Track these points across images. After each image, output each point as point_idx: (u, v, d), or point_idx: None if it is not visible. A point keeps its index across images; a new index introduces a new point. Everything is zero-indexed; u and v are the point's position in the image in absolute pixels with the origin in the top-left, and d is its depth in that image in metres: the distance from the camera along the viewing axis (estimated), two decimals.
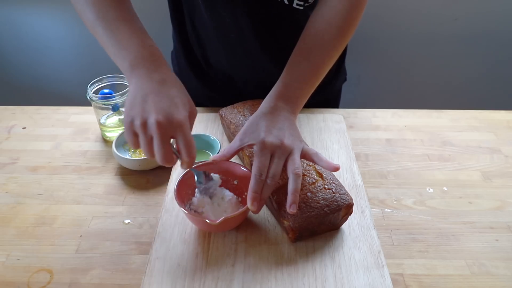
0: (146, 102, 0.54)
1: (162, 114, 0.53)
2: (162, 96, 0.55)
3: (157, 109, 0.53)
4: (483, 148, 0.85)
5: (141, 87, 0.56)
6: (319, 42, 0.69)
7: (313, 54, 0.69)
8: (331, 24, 0.69)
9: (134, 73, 0.58)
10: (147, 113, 0.53)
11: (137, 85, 0.57)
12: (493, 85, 1.59)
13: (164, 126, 0.53)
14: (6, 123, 0.93)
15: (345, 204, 0.61)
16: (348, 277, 0.57)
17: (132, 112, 0.54)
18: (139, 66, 0.58)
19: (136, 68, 0.58)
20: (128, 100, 0.56)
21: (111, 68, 0.79)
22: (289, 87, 0.68)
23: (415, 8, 1.40)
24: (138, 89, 0.56)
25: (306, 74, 0.69)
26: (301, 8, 0.78)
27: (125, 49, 0.59)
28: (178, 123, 0.54)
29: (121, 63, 0.60)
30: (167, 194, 0.70)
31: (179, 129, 0.54)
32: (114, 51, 0.60)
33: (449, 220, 0.69)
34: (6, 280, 0.60)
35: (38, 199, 0.73)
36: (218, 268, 0.58)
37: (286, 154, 0.61)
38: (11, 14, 1.48)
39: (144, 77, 0.57)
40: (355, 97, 1.56)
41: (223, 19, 0.82)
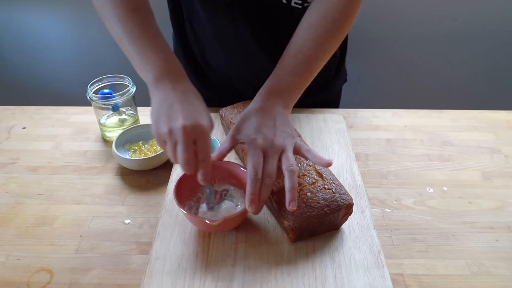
0: (171, 110, 0.57)
1: (188, 119, 0.55)
2: (187, 105, 0.58)
3: (183, 115, 0.56)
4: (483, 148, 0.85)
5: (166, 98, 0.59)
6: (312, 36, 0.68)
7: (306, 47, 0.68)
8: (326, 17, 0.68)
9: (159, 86, 0.60)
10: (173, 120, 0.56)
11: (161, 97, 0.59)
12: (493, 85, 1.59)
13: (189, 131, 0.55)
14: (6, 123, 0.93)
15: (345, 204, 0.61)
16: (348, 277, 0.57)
17: (159, 121, 0.57)
18: (163, 79, 0.61)
19: (161, 81, 0.61)
20: (154, 110, 0.59)
21: (111, 68, 0.79)
22: (282, 80, 0.68)
23: (414, 8, 1.40)
24: (163, 100, 0.59)
25: (299, 67, 0.68)
26: (299, 7, 0.77)
27: (150, 63, 0.62)
28: (202, 128, 0.56)
29: (145, 76, 0.63)
30: (167, 194, 0.70)
31: (202, 135, 0.56)
32: (139, 64, 0.63)
33: (449, 220, 0.69)
34: (6, 280, 0.60)
35: (38, 199, 0.73)
36: (218, 268, 0.58)
37: (278, 153, 0.61)
38: (11, 14, 1.48)
39: (168, 88, 0.60)
40: (355, 97, 1.56)
41: (220, 20, 0.82)
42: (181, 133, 0.54)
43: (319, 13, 0.69)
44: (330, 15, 0.68)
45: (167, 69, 0.62)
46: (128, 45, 0.64)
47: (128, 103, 0.86)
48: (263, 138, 0.61)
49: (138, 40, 0.64)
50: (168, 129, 0.55)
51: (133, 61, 0.65)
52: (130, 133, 0.83)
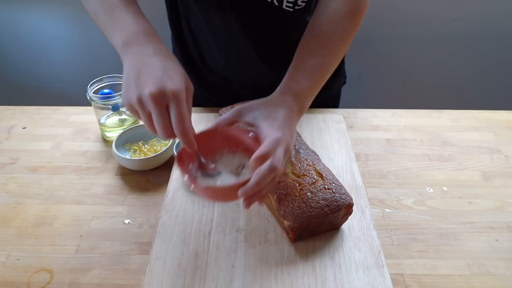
0: (139, 78, 0.52)
1: (155, 85, 0.51)
2: (155, 68, 0.53)
3: (151, 81, 0.51)
4: (483, 148, 0.85)
5: (134, 64, 0.54)
6: (325, 43, 0.68)
7: (320, 53, 0.68)
8: (338, 25, 0.69)
9: (127, 51, 0.56)
10: (141, 88, 0.51)
11: (130, 63, 0.55)
12: (493, 85, 1.59)
13: (158, 98, 0.50)
14: (6, 123, 0.93)
15: (345, 204, 0.61)
16: (348, 277, 0.56)
17: (128, 90, 0.53)
18: (132, 43, 0.56)
19: (129, 46, 0.56)
20: (124, 80, 0.54)
21: (111, 68, 0.79)
22: (299, 84, 0.66)
23: (414, 8, 1.40)
24: (131, 67, 0.54)
25: (315, 72, 0.67)
26: (291, 10, 0.78)
27: (119, 28, 0.58)
28: (172, 92, 0.51)
29: (115, 43, 0.58)
30: (167, 194, 0.70)
31: (173, 100, 0.51)
32: (110, 33, 0.59)
33: (449, 220, 0.69)
34: (6, 280, 0.60)
35: (38, 199, 0.73)
36: (218, 268, 0.58)
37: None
38: (11, 14, 1.48)
39: (136, 53, 0.55)
40: (355, 97, 1.56)
41: (214, 21, 0.82)
42: (151, 101, 0.50)
43: (330, 21, 0.69)
44: (341, 23, 0.69)
45: (135, 32, 0.57)
46: (102, 17, 0.61)
47: None
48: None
49: (112, 10, 0.60)
50: (137, 98, 0.51)
51: (105, 32, 0.61)
52: (130, 133, 0.83)
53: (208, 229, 0.64)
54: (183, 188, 0.71)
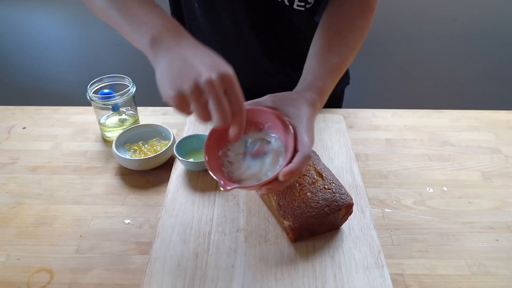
0: (186, 66, 0.49)
1: (213, 70, 0.48)
2: (203, 56, 0.50)
3: (205, 67, 0.48)
4: (483, 148, 0.85)
5: (174, 56, 0.51)
6: (344, 41, 0.69)
7: (340, 52, 0.68)
8: (354, 24, 0.69)
9: (160, 46, 0.53)
10: (193, 75, 0.48)
11: (169, 57, 0.51)
12: (493, 85, 1.59)
13: (217, 83, 0.48)
14: (6, 123, 0.93)
15: (345, 204, 0.61)
16: (348, 277, 0.56)
17: (176, 81, 0.48)
18: (164, 37, 0.53)
19: (161, 41, 0.53)
20: (165, 72, 0.50)
21: (111, 68, 0.79)
22: (324, 83, 0.65)
23: (415, 8, 1.40)
24: (172, 60, 0.51)
25: (336, 71, 0.67)
26: (302, 9, 0.78)
27: (145, 23, 0.55)
28: (230, 76, 0.49)
29: (141, 40, 0.54)
30: (167, 194, 0.70)
31: (231, 84, 0.49)
32: (132, 29, 0.55)
33: (449, 220, 0.69)
34: (6, 280, 0.60)
35: (38, 199, 0.73)
36: (218, 268, 0.58)
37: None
38: (11, 14, 1.48)
39: (173, 46, 0.52)
40: (355, 97, 1.56)
41: (223, 22, 0.82)
42: (211, 87, 0.47)
43: (346, 20, 0.69)
44: (358, 22, 0.69)
45: (165, 27, 0.54)
46: (116, 12, 0.57)
47: (128, 103, 0.86)
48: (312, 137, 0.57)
49: (126, 5, 0.56)
50: (192, 87, 0.47)
51: (123, 29, 0.57)
52: (130, 133, 0.83)
53: (208, 229, 0.64)
54: (183, 188, 0.72)
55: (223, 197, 0.70)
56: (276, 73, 0.89)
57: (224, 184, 0.53)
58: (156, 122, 0.86)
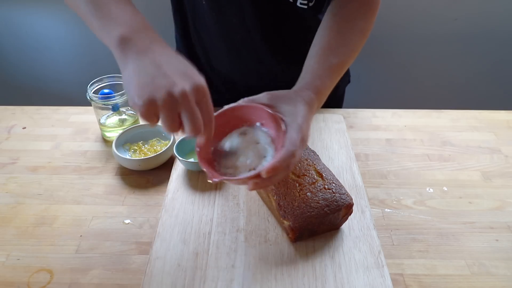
0: (159, 74, 0.47)
1: (187, 81, 0.47)
2: (178, 65, 0.49)
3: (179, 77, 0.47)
4: (483, 148, 0.85)
5: (146, 61, 0.49)
6: (345, 42, 0.68)
7: (341, 52, 0.67)
8: (355, 25, 0.69)
9: (129, 47, 0.50)
10: (167, 84, 0.46)
11: (139, 60, 0.49)
12: (493, 85, 1.59)
13: (191, 95, 0.47)
14: (6, 123, 0.93)
15: (345, 204, 0.61)
16: (348, 277, 0.56)
17: (145, 89, 0.46)
18: (134, 38, 0.50)
19: (131, 40, 0.50)
20: (133, 77, 0.48)
21: (111, 68, 0.79)
22: (323, 82, 0.64)
23: (414, 8, 1.40)
24: (141, 64, 0.48)
25: (336, 71, 0.67)
26: (305, 7, 0.78)
27: (115, 19, 0.51)
28: (204, 89, 0.48)
29: (108, 36, 0.51)
30: (167, 194, 0.70)
31: (204, 97, 0.49)
32: (100, 24, 0.52)
33: (449, 220, 0.69)
34: (6, 280, 0.60)
35: (38, 199, 0.73)
36: (218, 268, 0.58)
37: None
38: (11, 14, 1.48)
39: (145, 49, 0.50)
40: (355, 97, 1.56)
41: (230, 20, 0.82)
42: (184, 99, 0.46)
43: (348, 21, 0.69)
44: (359, 23, 0.69)
45: (136, 26, 0.51)
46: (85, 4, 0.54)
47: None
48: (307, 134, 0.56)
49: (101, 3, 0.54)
50: (165, 96, 0.45)
51: (91, 22, 0.54)
52: (130, 133, 0.83)
53: (208, 229, 0.64)
54: (183, 188, 0.72)
55: (223, 197, 0.70)
56: (281, 72, 0.89)
57: (211, 175, 0.53)
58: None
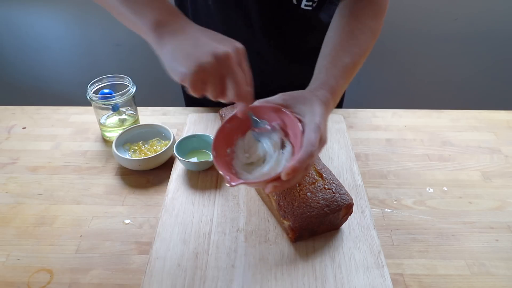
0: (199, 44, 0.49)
1: (228, 44, 0.49)
2: (212, 34, 0.51)
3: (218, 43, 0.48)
4: (483, 148, 0.85)
5: (184, 36, 0.50)
6: (356, 42, 0.68)
7: (353, 52, 0.67)
8: (366, 25, 0.69)
9: (165, 29, 0.51)
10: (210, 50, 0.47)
11: (176, 37, 0.50)
12: (493, 85, 1.59)
13: (234, 55, 0.48)
14: (6, 123, 0.93)
15: (345, 204, 0.61)
16: (348, 277, 0.57)
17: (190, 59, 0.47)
18: (169, 21, 0.52)
19: (166, 23, 0.52)
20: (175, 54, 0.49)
21: (111, 68, 0.79)
22: (337, 82, 0.64)
23: (415, 8, 1.40)
24: (180, 40, 0.50)
25: (348, 71, 0.66)
26: (310, 9, 0.78)
27: (147, 6, 0.53)
28: (242, 50, 0.50)
29: (142, 22, 0.53)
30: (167, 194, 0.70)
31: (243, 58, 0.50)
32: (132, 11, 0.54)
33: (449, 220, 0.69)
34: (6, 280, 0.60)
35: (38, 199, 0.73)
36: (218, 268, 0.58)
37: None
38: (11, 14, 1.48)
39: (180, 28, 0.51)
40: (355, 97, 1.56)
41: (235, 22, 0.82)
42: (228, 60, 0.47)
43: (358, 21, 0.69)
44: (370, 24, 0.69)
45: (168, 11, 0.53)
46: (120, 5, 0.55)
47: (128, 103, 0.86)
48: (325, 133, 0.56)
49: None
50: (211, 59, 0.47)
51: (120, 11, 0.55)
52: (130, 133, 0.83)
53: (208, 229, 0.64)
54: (183, 188, 0.72)
55: (223, 197, 0.70)
56: (283, 72, 0.90)
57: (230, 179, 0.53)
58: (156, 122, 0.86)
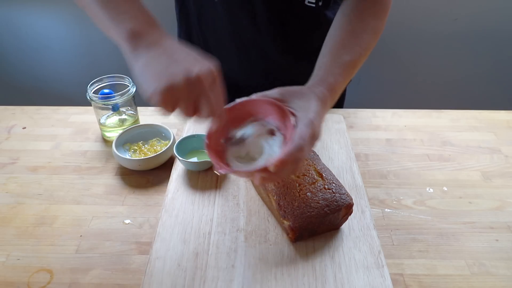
0: (174, 62, 0.49)
1: (199, 65, 0.48)
2: (190, 53, 0.50)
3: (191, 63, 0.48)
4: (483, 148, 0.85)
5: (158, 51, 0.50)
6: (357, 41, 0.68)
7: (353, 50, 0.67)
8: (368, 24, 0.69)
9: (141, 40, 0.51)
10: (183, 70, 0.47)
11: (151, 51, 0.50)
12: (493, 85, 1.59)
13: (207, 77, 0.48)
14: (6, 123, 0.93)
15: (345, 204, 0.61)
16: (348, 277, 0.56)
17: (163, 77, 0.47)
18: (145, 32, 0.52)
19: (142, 35, 0.51)
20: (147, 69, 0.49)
21: (111, 68, 0.79)
22: (336, 79, 0.63)
23: (415, 8, 1.40)
24: (155, 54, 0.50)
25: (348, 69, 0.66)
26: (313, 6, 0.78)
27: (125, 14, 0.53)
28: (215, 72, 0.50)
29: (118, 30, 0.52)
30: (167, 194, 0.70)
31: (216, 79, 0.50)
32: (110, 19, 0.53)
33: (449, 220, 0.69)
34: (6, 280, 0.60)
35: (38, 199, 0.73)
36: (218, 268, 0.58)
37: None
38: (11, 14, 1.48)
39: (156, 42, 0.51)
40: (355, 97, 1.56)
41: (240, 20, 0.82)
42: (200, 82, 0.47)
43: (360, 19, 0.69)
44: (372, 22, 0.69)
45: (146, 21, 0.53)
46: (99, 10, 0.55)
47: (128, 103, 0.86)
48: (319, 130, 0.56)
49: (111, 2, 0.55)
50: (183, 80, 0.47)
51: (104, 24, 0.55)
52: (130, 133, 0.83)
53: (208, 229, 0.64)
54: (183, 188, 0.72)
55: (223, 197, 0.70)
56: (287, 70, 0.90)
57: (218, 167, 0.53)
58: (156, 122, 0.86)
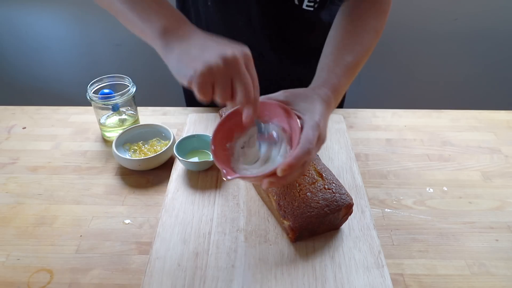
0: (206, 48, 0.50)
1: (234, 47, 0.49)
2: (219, 40, 0.52)
3: (227, 46, 0.49)
4: (483, 148, 0.85)
5: (191, 42, 0.52)
6: (359, 41, 0.68)
7: (355, 51, 0.67)
8: (369, 24, 0.69)
9: (173, 35, 0.53)
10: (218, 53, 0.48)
11: (184, 42, 0.52)
12: (493, 85, 1.59)
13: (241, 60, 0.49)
14: (6, 123, 0.93)
15: (345, 204, 0.61)
16: (348, 277, 0.57)
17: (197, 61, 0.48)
18: (176, 28, 0.54)
19: (173, 30, 0.53)
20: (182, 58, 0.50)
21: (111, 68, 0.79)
22: (339, 80, 0.64)
23: (415, 8, 1.40)
24: (188, 45, 0.52)
25: (350, 69, 0.66)
26: (311, 10, 0.78)
27: (155, 13, 0.55)
28: (249, 54, 0.51)
29: (150, 28, 0.54)
30: (167, 194, 0.70)
31: (250, 61, 0.51)
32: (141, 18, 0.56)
33: (449, 220, 0.69)
34: (6, 280, 0.60)
35: (38, 199, 0.73)
36: (218, 268, 0.58)
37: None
38: (11, 14, 1.48)
39: (187, 35, 0.53)
40: (355, 97, 1.56)
41: (235, 22, 0.82)
42: (236, 63, 0.48)
43: (361, 21, 0.69)
44: (373, 23, 0.70)
45: (176, 18, 0.55)
46: (129, 11, 0.57)
47: (128, 103, 0.86)
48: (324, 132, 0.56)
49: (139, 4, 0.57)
50: (219, 61, 0.47)
51: (135, 25, 0.57)
52: (130, 133, 0.83)
53: (208, 229, 0.64)
54: (183, 188, 0.72)
55: (223, 197, 0.70)
56: (283, 72, 0.90)
57: (226, 173, 0.53)
58: (156, 122, 0.86)
